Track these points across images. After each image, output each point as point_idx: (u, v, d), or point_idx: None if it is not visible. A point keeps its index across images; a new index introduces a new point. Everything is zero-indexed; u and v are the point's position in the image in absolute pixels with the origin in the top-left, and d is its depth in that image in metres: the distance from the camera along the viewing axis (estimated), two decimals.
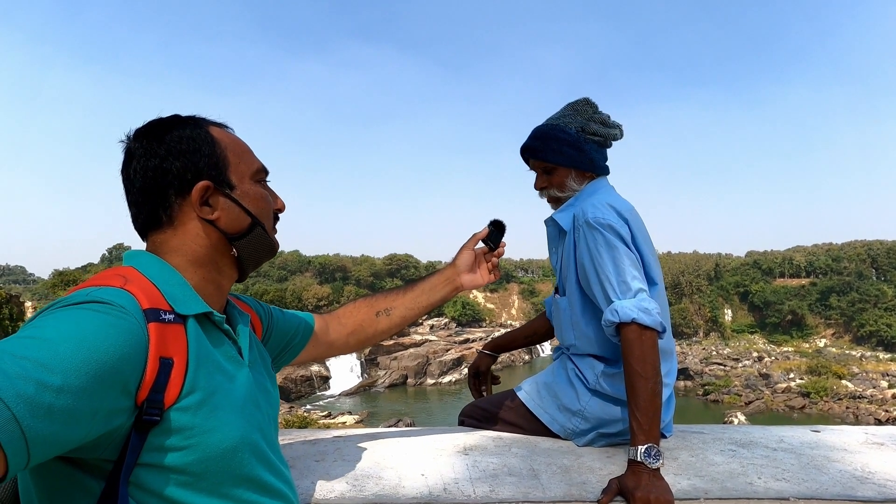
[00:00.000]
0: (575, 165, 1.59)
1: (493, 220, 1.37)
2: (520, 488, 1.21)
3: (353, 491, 1.18)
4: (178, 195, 0.85)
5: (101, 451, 0.70)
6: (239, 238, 0.89)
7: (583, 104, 1.59)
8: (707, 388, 39.15)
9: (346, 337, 1.29)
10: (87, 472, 0.71)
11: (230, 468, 0.79)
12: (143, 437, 0.71)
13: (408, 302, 1.32)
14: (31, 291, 66.79)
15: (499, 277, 1.40)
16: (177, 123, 0.88)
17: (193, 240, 0.86)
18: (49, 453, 0.60)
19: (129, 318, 0.70)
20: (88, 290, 0.72)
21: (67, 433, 0.61)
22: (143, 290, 0.76)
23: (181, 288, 0.83)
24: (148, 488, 0.72)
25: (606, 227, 1.39)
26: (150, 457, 0.72)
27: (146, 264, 0.83)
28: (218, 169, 0.87)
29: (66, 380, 0.60)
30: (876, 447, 1.52)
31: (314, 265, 74.19)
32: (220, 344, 0.86)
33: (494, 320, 71.46)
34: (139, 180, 0.85)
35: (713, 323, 69.57)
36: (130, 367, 0.68)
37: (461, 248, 1.37)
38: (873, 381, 39.11)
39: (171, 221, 0.86)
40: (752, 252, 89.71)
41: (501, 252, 1.38)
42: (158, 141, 0.85)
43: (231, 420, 0.79)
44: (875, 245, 77.66)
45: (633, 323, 1.28)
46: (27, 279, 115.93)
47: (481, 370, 1.86)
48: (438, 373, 44.42)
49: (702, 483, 1.25)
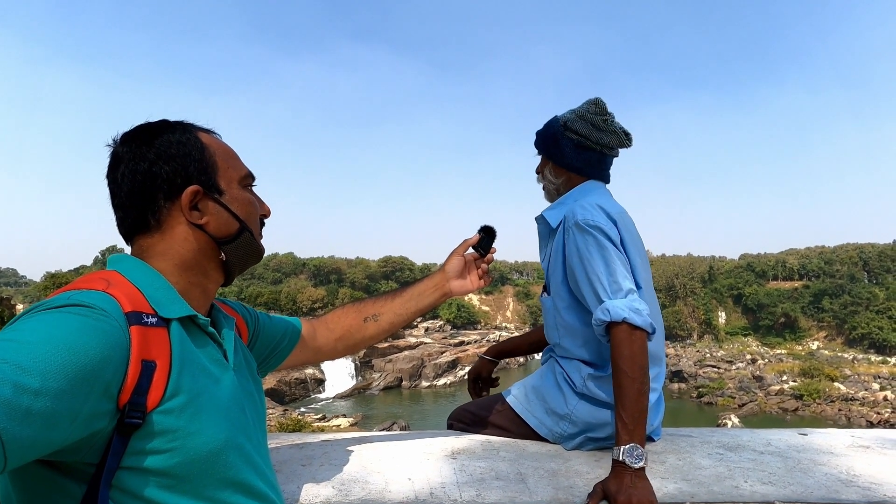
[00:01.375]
0: (550, 158, 1.61)
1: (484, 226, 1.37)
2: (506, 492, 1.21)
3: (339, 495, 1.18)
4: (167, 199, 0.85)
5: (82, 454, 0.69)
6: (227, 242, 0.90)
7: (587, 102, 1.58)
8: (701, 390, 39.24)
9: (335, 342, 1.29)
10: (69, 475, 0.70)
11: (215, 471, 0.78)
12: (126, 441, 0.71)
13: (396, 307, 1.32)
14: (22, 294, 66.29)
15: (489, 283, 1.40)
16: (166, 128, 0.88)
17: (181, 244, 0.87)
18: (27, 457, 0.60)
19: (110, 321, 0.70)
20: (70, 294, 0.72)
21: (46, 436, 0.60)
22: (125, 294, 0.76)
23: (165, 291, 0.82)
24: (130, 491, 0.72)
25: (596, 228, 1.40)
26: (133, 460, 0.72)
27: (130, 268, 0.83)
28: (207, 174, 0.88)
29: (44, 382, 0.60)
30: (862, 450, 1.53)
31: (309, 267, 73.97)
32: (204, 347, 0.85)
33: (489, 323, 71.51)
34: (127, 184, 0.85)
35: (707, 325, 69.90)
36: (111, 369, 0.68)
37: (451, 254, 1.37)
38: (865, 383, 39.36)
39: (158, 225, 0.86)
40: (746, 255, 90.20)
41: (491, 258, 1.39)
42: (147, 145, 0.86)
43: (215, 423, 0.79)
44: (867, 248, 78.28)
45: (624, 322, 1.28)
46: (19, 281, 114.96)
47: (482, 375, 1.86)
48: (433, 375, 44.35)
49: (688, 487, 1.26)
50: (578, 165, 1.57)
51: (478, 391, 1.85)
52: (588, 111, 1.56)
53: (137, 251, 0.87)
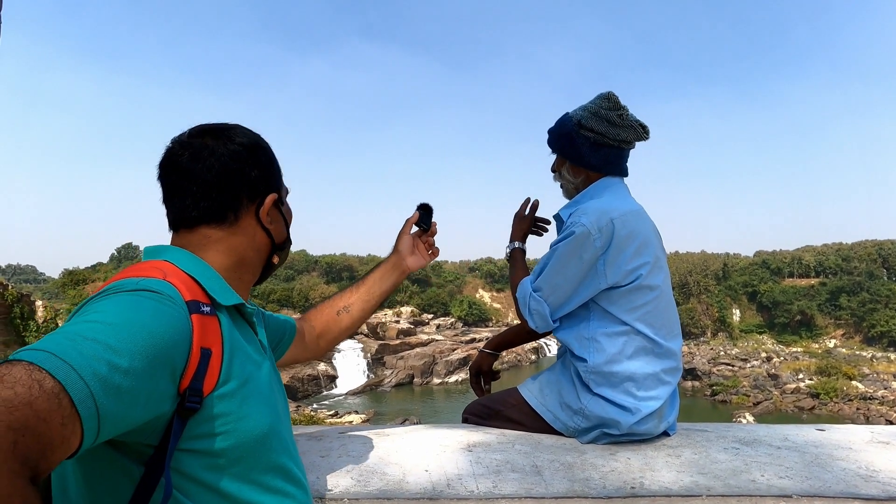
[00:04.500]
0: (567, 157, 1.61)
1: (421, 204, 1.45)
2: (522, 484, 1.22)
3: (357, 486, 1.20)
4: (250, 200, 0.93)
5: (145, 435, 0.72)
6: (280, 248, 1.00)
7: (599, 98, 1.58)
8: (715, 388, 38.84)
9: (317, 339, 1.35)
10: (126, 454, 0.74)
11: (260, 455, 0.82)
12: (184, 424, 0.74)
13: (363, 295, 1.39)
14: (41, 290, 67.43)
15: (437, 255, 1.51)
16: (250, 134, 0.96)
17: (249, 242, 0.94)
18: (112, 432, 0.64)
19: (177, 308, 0.74)
20: (138, 280, 0.75)
21: (129, 413, 0.64)
22: (183, 283, 0.80)
23: (218, 281, 0.87)
24: (185, 472, 0.75)
25: (582, 234, 1.45)
26: (189, 443, 0.75)
27: (180, 259, 0.86)
28: (279, 185, 1.00)
29: (131, 362, 0.64)
30: (881, 446, 1.52)
31: (321, 265, 74.43)
32: (247, 335, 0.90)
33: (501, 320, 71.33)
34: (214, 176, 0.89)
35: (721, 323, 69.08)
36: (178, 354, 0.72)
37: (399, 234, 1.45)
38: (884, 382, 38.64)
39: (235, 220, 0.92)
40: (761, 252, 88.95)
41: (434, 231, 1.47)
42: (241, 146, 0.93)
43: (261, 408, 0.83)
44: (886, 245, 76.76)
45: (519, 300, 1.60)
46: (38, 278, 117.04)
47: (483, 369, 1.86)
48: (445, 372, 44.41)
49: (704, 480, 1.26)
50: (596, 163, 1.58)
51: (480, 385, 1.86)
52: (602, 107, 1.55)
53: (198, 240, 0.90)
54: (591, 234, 1.44)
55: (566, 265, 1.48)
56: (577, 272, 1.48)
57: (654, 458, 1.39)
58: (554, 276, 1.51)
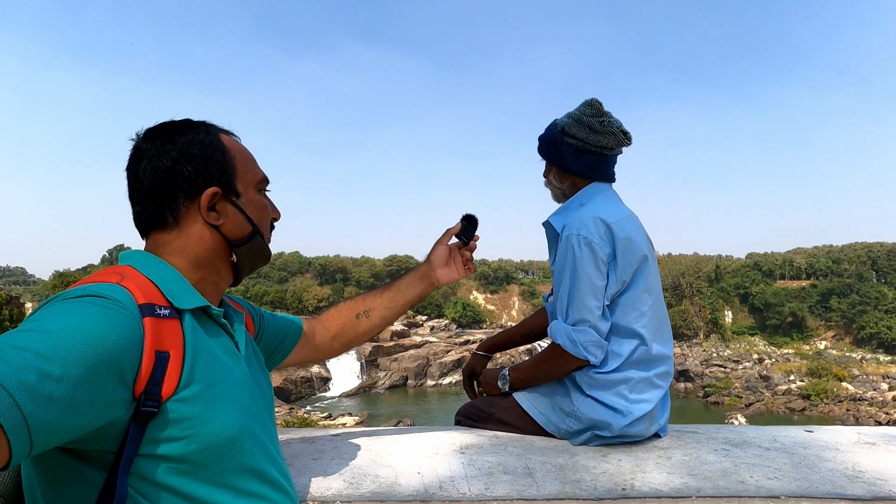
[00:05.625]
0: (553, 163, 1.63)
1: (466, 215, 1.39)
2: (514, 486, 1.23)
3: (349, 488, 1.20)
4: (187, 198, 0.88)
5: (101, 442, 0.72)
6: (239, 245, 0.93)
7: (582, 104, 1.59)
8: (707, 389, 39.04)
9: (330, 341, 1.32)
10: (89, 463, 0.73)
11: (231, 457, 0.81)
12: (143, 429, 0.73)
13: (386, 302, 1.35)
14: (31, 292, 66.79)
15: (473, 272, 1.43)
16: (189, 128, 0.91)
17: (196, 242, 0.89)
18: (50, 442, 0.62)
19: (124, 312, 0.73)
20: (86, 286, 0.75)
21: (67, 422, 0.63)
22: (139, 287, 0.79)
23: (179, 284, 0.85)
24: (148, 478, 0.74)
25: (586, 244, 1.45)
26: (150, 447, 0.74)
27: (143, 263, 0.86)
28: (227, 176, 0.91)
29: (65, 369, 0.62)
30: (867, 447, 1.54)
31: (315, 266, 74.18)
32: (217, 337, 0.88)
33: (495, 322, 71.39)
34: (148, 180, 0.87)
35: (713, 325, 69.47)
36: (126, 358, 0.70)
37: (435, 244, 1.39)
38: (874, 383, 39.01)
39: (176, 223, 0.88)
40: (753, 254, 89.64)
41: (474, 246, 1.41)
42: (171, 143, 0.88)
43: (230, 410, 0.82)
44: (875, 247, 77.55)
45: (558, 345, 1.49)
46: (27, 280, 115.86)
47: (476, 371, 1.87)
48: (439, 374, 44.36)
49: (694, 481, 1.27)
50: (580, 170, 1.59)
51: (473, 387, 1.86)
52: (585, 113, 1.56)
53: (152, 246, 0.90)
54: (596, 243, 1.45)
55: (590, 281, 1.45)
56: (599, 283, 1.46)
57: (645, 460, 1.40)
58: (583, 297, 1.45)
